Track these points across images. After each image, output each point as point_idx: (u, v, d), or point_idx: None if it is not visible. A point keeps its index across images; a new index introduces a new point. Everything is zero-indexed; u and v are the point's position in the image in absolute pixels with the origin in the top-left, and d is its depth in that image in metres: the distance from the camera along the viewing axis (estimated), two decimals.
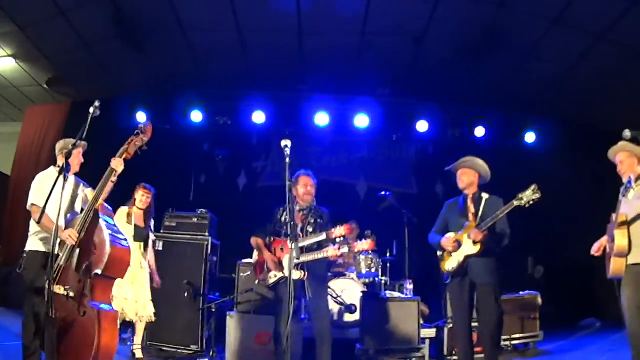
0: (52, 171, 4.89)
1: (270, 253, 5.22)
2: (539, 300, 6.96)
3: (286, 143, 4.47)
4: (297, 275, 4.44)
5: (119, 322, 5.23)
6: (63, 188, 4.17)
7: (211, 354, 6.51)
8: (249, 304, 6.56)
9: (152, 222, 6.51)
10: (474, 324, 5.28)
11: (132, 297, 5.95)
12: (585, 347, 6.98)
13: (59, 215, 4.05)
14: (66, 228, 4.42)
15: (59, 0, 7.25)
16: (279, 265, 5.09)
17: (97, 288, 4.19)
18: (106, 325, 4.06)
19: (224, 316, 6.57)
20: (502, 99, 9.54)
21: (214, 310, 6.67)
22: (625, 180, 4.67)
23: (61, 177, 4.12)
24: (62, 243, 4.29)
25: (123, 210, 6.19)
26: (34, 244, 4.69)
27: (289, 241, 4.44)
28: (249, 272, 6.77)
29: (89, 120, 4.07)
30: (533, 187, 4.70)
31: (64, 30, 7.96)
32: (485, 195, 5.20)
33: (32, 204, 4.64)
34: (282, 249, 5.16)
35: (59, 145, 5.05)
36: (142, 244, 6.21)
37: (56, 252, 4.15)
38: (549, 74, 8.62)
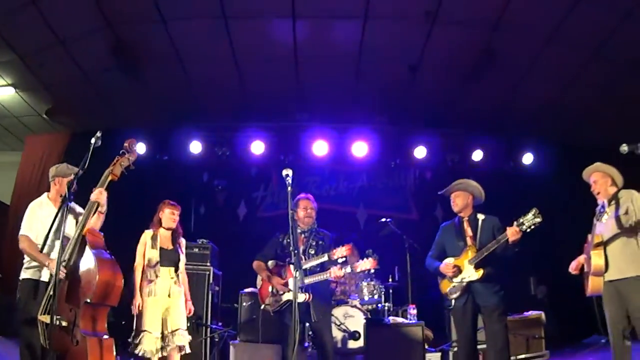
0: (44, 199, 4.87)
1: (274, 276, 5.23)
2: (544, 319, 6.96)
3: (287, 172, 4.50)
4: (302, 297, 4.40)
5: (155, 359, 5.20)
6: (65, 218, 4.18)
7: None
8: (252, 332, 6.54)
9: (184, 242, 5.90)
10: (480, 346, 5.26)
11: (163, 330, 5.34)
12: None
13: (60, 245, 4.06)
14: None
15: (59, 30, 7.33)
16: (286, 286, 5.09)
17: (90, 316, 4.16)
18: (102, 354, 4.06)
19: (228, 345, 6.55)
20: (498, 122, 9.62)
21: (217, 339, 6.67)
22: (599, 201, 4.85)
23: (64, 207, 4.14)
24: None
25: (147, 234, 5.63)
26: (26, 273, 4.71)
27: (292, 268, 4.45)
28: (251, 302, 6.76)
29: (91, 150, 4.09)
30: (534, 211, 4.70)
31: (64, 60, 8.03)
32: (480, 216, 5.21)
33: (21, 234, 4.66)
34: (284, 272, 5.17)
35: (52, 171, 4.99)
36: (171, 269, 5.56)
37: (46, 281, 4.35)
38: (543, 95, 8.73)
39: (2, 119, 10.46)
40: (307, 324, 5.47)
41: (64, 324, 4.06)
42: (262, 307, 5.46)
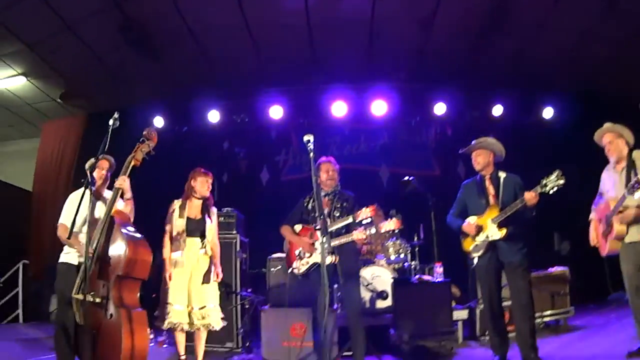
0: (81, 189, 4.96)
1: (302, 237, 5.25)
2: (568, 275, 6.94)
3: (308, 138, 4.41)
4: (328, 260, 4.37)
5: (182, 334, 5.27)
6: (90, 202, 4.25)
7: (247, 350, 6.62)
8: (282, 297, 6.58)
9: (215, 211, 5.80)
10: (505, 303, 5.29)
11: (190, 303, 5.30)
12: (616, 322, 6.90)
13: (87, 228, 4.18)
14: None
15: (65, 14, 7.33)
16: (313, 247, 5.12)
17: (121, 290, 4.34)
18: (135, 326, 4.20)
19: (258, 312, 6.64)
20: (517, 76, 9.40)
21: (247, 306, 6.73)
22: (611, 159, 4.92)
23: (87, 192, 4.21)
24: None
25: (176, 203, 5.57)
26: (62, 257, 4.95)
27: (319, 235, 4.44)
28: (279, 267, 6.80)
29: (110, 132, 4.10)
30: (557, 172, 4.64)
31: (73, 44, 8.05)
32: (502, 174, 5.17)
33: (60, 223, 4.92)
34: (311, 235, 5.19)
35: (88, 164, 5.09)
36: (198, 239, 5.47)
37: (78, 263, 4.68)
38: (561, 46, 8.48)
39: (16, 107, 10.62)
40: (335, 286, 5.50)
41: (97, 300, 4.24)
42: (290, 270, 5.46)
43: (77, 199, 4.79)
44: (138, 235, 4.56)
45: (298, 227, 5.36)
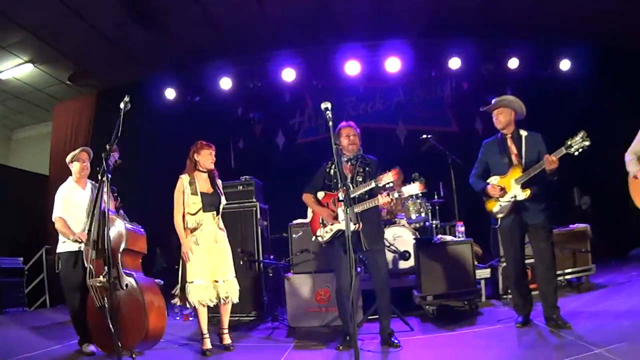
0: (70, 182, 5.48)
1: (323, 207, 5.21)
2: (590, 232, 6.87)
3: (326, 105, 4.26)
4: (352, 227, 4.25)
5: (204, 310, 5.27)
6: (105, 190, 4.26)
7: (273, 318, 6.68)
8: (306, 264, 6.60)
9: (220, 183, 5.67)
10: (528, 261, 5.25)
11: (213, 277, 5.27)
12: (638, 279, 6.83)
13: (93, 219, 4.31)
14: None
15: None
16: (335, 218, 5.08)
17: (128, 262, 4.99)
18: (146, 286, 4.87)
19: (281, 278, 6.67)
20: (532, 28, 9.12)
21: (271, 274, 6.75)
22: None
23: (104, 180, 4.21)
24: (85, 242, 5.03)
25: (184, 179, 5.41)
26: (61, 246, 5.37)
27: (343, 207, 4.37)
28: (301, 233, 6.77)
29: (122, 115, 4.05)
30: (582, 133, 4.53)
31: (76, 25, 8.01)
32: (523, 133, 5.08)
33: (57, 217, 5.31)
34: (334, 202, 5.13)
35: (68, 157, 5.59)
36: (214, 213, 5.42)
37: (79, 249, 5.20)
38: None
39: (26, 94, 10.69)
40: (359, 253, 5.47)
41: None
42: (313, 238, 5.42)
43: (68, 192, 5.34)
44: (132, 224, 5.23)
45: (321, 194, 5.28)
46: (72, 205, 5.36)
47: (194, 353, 5.26)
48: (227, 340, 5.37)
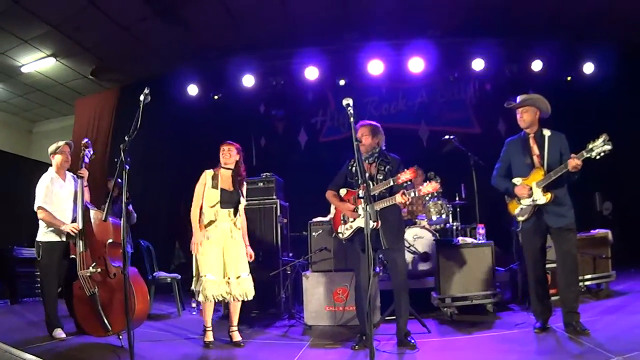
0: (51, 173, 5.67)
1: (345, 203, 5.21)
2: (610, 238, 6.76)
3: (347, 102, 4.21)
4: (371, 224, 4.16)
5: (211, 305, 5.33)
6: (126, 183, 4.28)
7: (290, 315, 6.70)
8: (324, 262, 6.60)
9: (245, 185, 5.78)
10: (548, 266, 5.19)
11: (226, 274, 5.32)
12: None
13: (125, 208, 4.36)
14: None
15: None
16: (355, 212, 5.08)
17: (113, 253, 5.27)
18: (131, 275, 4.93)
19: (300, 276, 6.68)
20: (556, 30, 9.02)
21: (289, 271, 6.75)
22: None
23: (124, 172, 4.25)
24: (74, 234, 5.31)
25: (208, 173, 5.55)
26: (43, 236, 5.53)
27: (363, 204, 4.34)
28: (320, 231, 6.76)
29: (142, 107, 4.08)
30: (603, 136, 4.46)
31: (98, 19, 8.08)
32: (547, 132, 5.02)
33: (39, 207, 5.47)
34: (354, 199, 5.14)
35: (51, 148, 5.76)
36: (231, 210, 5.49)
37: (65, 239, 5.43)
38: None
39: (47, 88, 10.84)
40: (379, 251, 5.45)
41: (99, 270, 5.13)
42: (334, 235, 5.44)
43: (50, 182, 5.54)
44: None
45: (343, 191, 5.29)
46: (53, 195, 5.53)
47: (198, 346, 5.31)
48: (236, 337, 5.42)
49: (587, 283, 6.57)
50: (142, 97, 4.12)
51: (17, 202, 8.89)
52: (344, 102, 4.23)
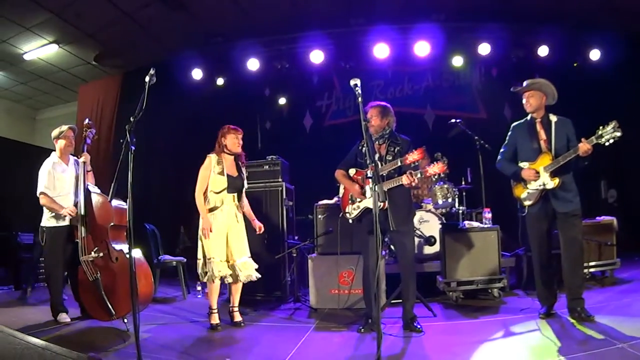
0: (54, 157, 5.73)
1: (353, 182, 5.20)
2: (616, 225, 6.75)
3: (355, 82, 4.17)
4: (378, 204, 4.30)
5: (217, 285, 5.41)
6: (131, 164, 4.26)
7: (295, 298, 6.71)
8: (330, 245, 6.57)
9: (245, 169, 5.89)
10: (554, 251, 5.18)
11: (230, 257, 5.46)
12: None
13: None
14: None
15: None
16: (363, 194, 5.09)
17: (113, 234, 5.27)
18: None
19: (306, 259, 6.68)
20: (563, 15, 8.87)
21: (294, 254, 6.75)
22: None
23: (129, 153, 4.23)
24: (76, 219, 5.37)
25: (212, 158, 5.58)
26: (47, 221, 5.59)
27: (371, 184, 4.32)
28: (326, 214, 6.75)
29: (147, 88, 4.06)
30: (613, 123, 4.45)
31: (101, 5, 8.04)
32: (553, 118, 4.99)
33: (41, 192, 5.52)
34: (363, 179, 5.14)
35: (55, 133, 5.80)
36: (235, 195, 5.63)
37: (70, 223, 5.48)
38: None
39: (51, 75, 10.85)
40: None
41: (101, 254, 5.14)
42: (341, 215, 5.44)
43: (53, 167, 5.58)
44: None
45: (352, 171, 5.27)
46: (56, 180, 5.60)
47: (204, 329, 5.36)
48: (237, 317, 5.55)
49: (592, 270, 6.57)
50: (147, 78, 4.09)
51: (20, 189, 8.92)
52: (352, 82, 4.20)
